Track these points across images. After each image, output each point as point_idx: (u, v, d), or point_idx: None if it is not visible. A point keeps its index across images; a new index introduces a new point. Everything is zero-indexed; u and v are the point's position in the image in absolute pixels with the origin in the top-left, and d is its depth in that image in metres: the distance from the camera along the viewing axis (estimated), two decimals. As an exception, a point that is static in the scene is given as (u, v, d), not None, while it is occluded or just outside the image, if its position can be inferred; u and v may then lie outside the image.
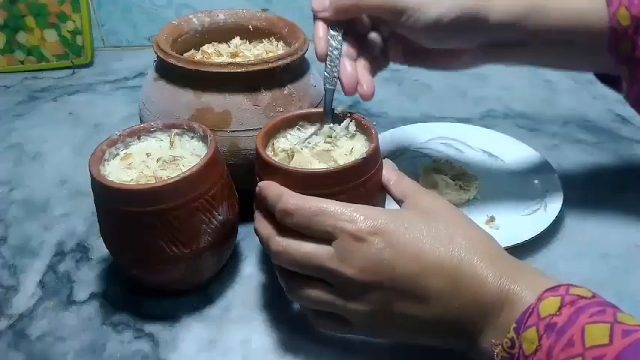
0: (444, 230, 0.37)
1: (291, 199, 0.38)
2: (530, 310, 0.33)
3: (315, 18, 0.48)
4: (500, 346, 0.33)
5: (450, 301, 0.35)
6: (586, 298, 0.33)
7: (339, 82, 0.48)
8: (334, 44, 0.48)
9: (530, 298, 0.33)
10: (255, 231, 0.42)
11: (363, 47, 0.50)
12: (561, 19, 0.47)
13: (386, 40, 0.51)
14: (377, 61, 0.52)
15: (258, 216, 0.42)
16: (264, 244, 0.40)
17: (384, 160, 0.45)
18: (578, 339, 0.30)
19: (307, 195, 0.39)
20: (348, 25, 0.48)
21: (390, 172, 0.44)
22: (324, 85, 0.48)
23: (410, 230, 0.36)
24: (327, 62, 0.48)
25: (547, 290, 0.33)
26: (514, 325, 0.33)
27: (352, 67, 0.48)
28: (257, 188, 0.42)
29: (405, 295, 0.36)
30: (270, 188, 0.40)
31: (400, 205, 0.42)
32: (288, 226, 0.38)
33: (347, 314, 0.38)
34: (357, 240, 0.36)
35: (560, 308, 0.32)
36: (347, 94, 0.48)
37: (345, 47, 0.48)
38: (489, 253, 0.37)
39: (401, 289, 0.35)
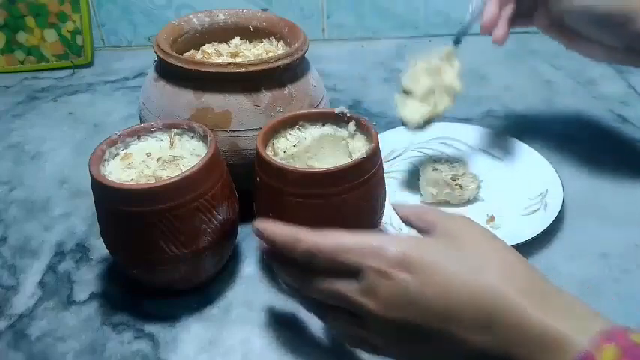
0: (477, 260, 0.34)
1: (308, 240, 0.36)
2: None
3: None
4: None
5: (487, 339, 0.32)
6: None
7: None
8: None
9: (582, 343, 0.30)
10: (281, 280, 0.40)
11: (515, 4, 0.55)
12: None
13: (537, 3, 0.56)
14: (521, 18, 0.57)
15: (277, 266, 0.40)
16: (292, 286, 0.39)
17: (392, 205, 0.41)
18: None
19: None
20: None
21: (405, 209, 0.40)
22: (467, 13, 0.56)
23: (437, 261, 0.33)
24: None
25: (602, 336, 0.30)
26: None
27: (496, 9, 0.54)
28: (260, 230, 0.38)
29: (435, 333, 0.33)
30: (281, 233, 0.37)
31: (421, 232, 0.38)
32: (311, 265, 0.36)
33: (378, 344, 0.36)
34: (381, 275, 0.33)
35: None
36: (481, 32, 0.55)
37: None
38: (528, 284, 0.33)
39: (429, 326, 0.33)
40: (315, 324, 0.46)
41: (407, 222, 0.39)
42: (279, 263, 0.39)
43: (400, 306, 0.33)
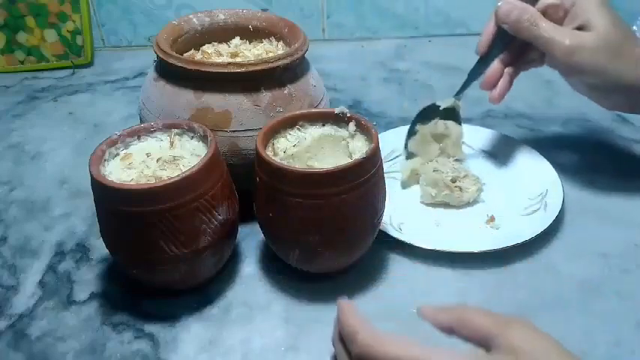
0: None
1: (362, 343, 0.32)
2: None
3: (497, 21, 0.55)
4: None
5: None
6: None
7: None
8: (496, 50, 0.57)
9: None
10: (334, 346, 0.36)
11: (519, 58, 0.57)
12: None
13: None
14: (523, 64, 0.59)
15: (337, 332, 0.36)
16: None
17: (421, 315, 0.35)
18: None
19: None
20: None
21: (440, 315, 0.34)
22: (470, 75, 0.60)
23: None
24: (482, 60, 0.58)
25: None
26: None
27: (499, 70, 0.57)
28: (338, 306, 0.36)
29: None
30: (347, 318, 0.34)
31: (484, 345, 0.32)
32: None
33: None
34: None
35: None
36: (481, 88, 0.57)
37: (503, 55, 0.56)
38: None
39: None
40: (315, 324, 0.46)
41: (449, 332, 0.33)
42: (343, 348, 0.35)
43: None
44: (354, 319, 0.34)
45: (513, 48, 0.57)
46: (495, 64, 0.57)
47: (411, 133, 0.63)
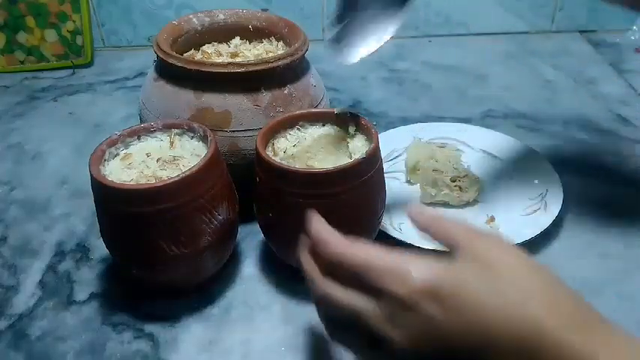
0: (515, 288, 0.30)
1: (335, 250, 0.33)
2: None
3: None
4: None
5: None
6: None
7: None
8: None
9: None
10: (298, 261, 0.37)
11: None
12: None
13: None
14: None
15: (303, 246, 0.37)
16: (308, 279, 0.36)
17: (407, 211, 0.36)
18: None
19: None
20: None
21: (431, 219, 0.35)
22: None
23: (471, 291, 0.30)
24: None
25: None
26: None
27: None
28: (308, 222, 0.36)
29: None
30: (317, 227, 0.35)
31: (450, 252, 0.33)
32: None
33: None
34: (407, 305, 0.30)
35: None
36: None
37: None
38: (577, 317, 0.30)
39: (463, 358, 0.29)
40: (314, 324, 0.46)
41: (425, 231, 0.35)
42: (307, 252, 0.36)
43: (426, 340, 0.30)
44: (325, 229, 0.35)
45: None
46: None
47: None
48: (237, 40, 0.62)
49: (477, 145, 0.67)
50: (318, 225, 0.35)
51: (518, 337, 0.29)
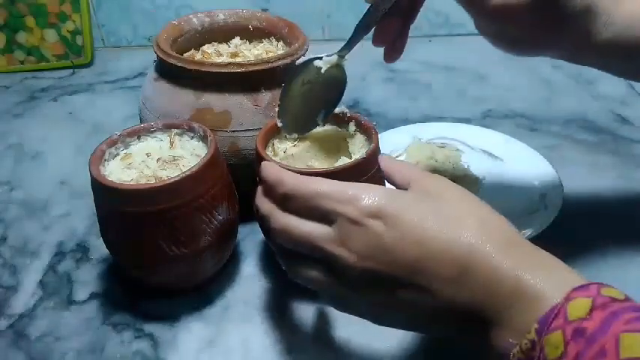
0: (452, 212, 0.33)
1: (289, 183, 0.36)
2: (555, 311, 0.29)
3: None
4: (517, 347, 0.30)
5: (458, 291, 0.32)
6: (619, 300, 0.29)
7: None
8: None
9: (555, 297, 0.29)
10: (255, 207, 0.40)
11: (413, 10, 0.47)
12: None
13: None
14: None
15: (259, 192, 0.39)
16: (264, 221, 0.38)
17: (380, 156, 0.42)
18: (611, 349, 0.26)
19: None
20: None
21: (389, 162, 0.40)
22: (359, 23, 0.44)
23: (413, 212, 0.33)
24: (372, 7, 0.43)
25: (575, 289, 0.29)
26: (536, 325, 0.29)
27: (394, 26, 0.46)
28: (261, 167, 0.40)
29: (407, 284, 0.33)
30: (269, 170, 0.38)
31: (398, 187, 0.38)
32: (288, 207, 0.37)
33: (349, 299, 0.36)
34: (355, 224, 0.33)
35: (590, 311, 0.28)
36: (374, 44, 0.46)
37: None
38: (505, 238, 0.33)
39: (402, 277, 0.33)
40: (315, 324, 0.46)
41: (387, 175, 0.39)
42: (263, 194, 0.39)
43: (371, 255, 0.33)
44: (277, 171, 0.38)
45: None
46: (389, 18, 0.45)
47: (283, 96, 0.47)
48: (237, 40, 0.62)
49: (477, 145, 0.67)
50: (271, 167, 0.38)
51: (451, 253, 0.32)
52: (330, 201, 0.34)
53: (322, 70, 0.46)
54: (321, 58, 0.46)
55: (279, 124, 0.47)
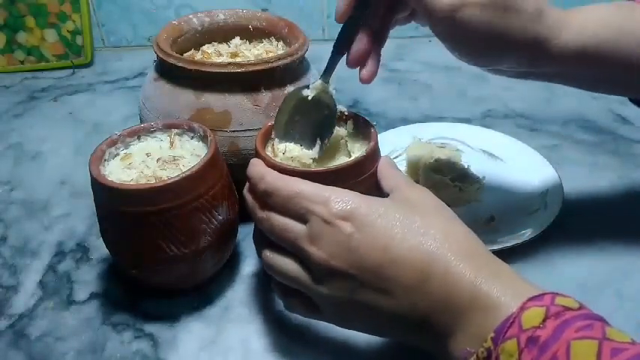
0: (420, 222, 0.35)
1: (269, 181, 0.38)
2: (511, 320, 0.30)
3: None
4: (474, 355, 0.31)
5: (418, 297, 0.33)
6: (572, 309, 0.30)
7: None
8: (357, 13, 0.44)
9: (511, 306, 0.31)
10: (244, 197, 0.42)
11: (384, 24, 0.46)
12: None
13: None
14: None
15: (246, 186, 0.42)
16: (250, 210, 0.40)
17: (382, 157, 0.44)
18: (562, 356, 0.27)
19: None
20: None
21: (383, 166, 0.43)
22: (333, 48, 0.46)
23: (383, 218, 0.35)
24: (344, 27, 0.44)
25: (531, 299, 0.30)
26: (492, 334, 0.30)
27: (368, 44, 0.45)
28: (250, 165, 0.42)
29: (370, 286, 0.35)
30: (254, 168, 0.40)
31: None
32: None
33: (314, 296, 0.38)
34: (327, 223, 0.35)
35: (544, 320, 0.29)
36: (348, 65, 0.46)
37: (365, 26, 0.44)
38: (467, 249, 0.35)
39: (366, 278, 0.35)
40: (315, 324, 0.46)
41: (378, 179, 0.42)
42: (246, 194, 0.41)
43: (337, 253, 0.35)
44: (261, 168, 0.40)
45: (377, 11, 0.45)
46: (361, 37, 0.45)
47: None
48: (237, 40, 0.62)
49: (477, 145, 0.67)
50: (256, 164, 0.40)
51: (412, 260, 0.34)
52: (306, 200, 0.37)
53: (309, 98, 0.46)
54: (308, 87, 0.47)
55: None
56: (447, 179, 0.57)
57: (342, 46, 0.45)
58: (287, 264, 0.38)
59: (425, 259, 0.34)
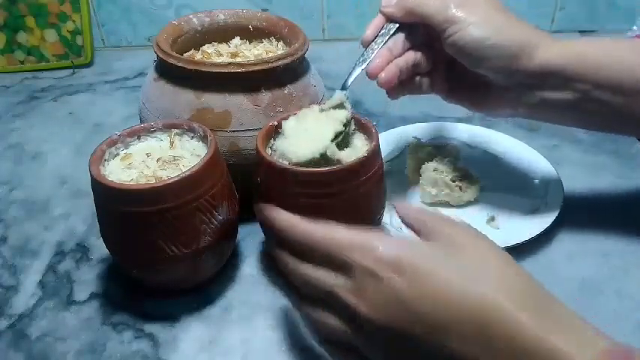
0: (472, 269, 0.32)
1: (302, 229, 0.35)
2: None
3: (380, 12, 0.51)
4: None
5: (472, 351, 0.30)
6: None
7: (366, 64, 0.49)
8: (382, 38, 0.50)
9: None
10: (277, 257, 0.38)
11: (410, 56, 0.50)
12: (614, 75, 0.44)
13: (434, 69, 0.53)
14: (419, 85, 0.54)
15: (271, 244, 0.39)
16: (285, 271, 0.37)
17: (395, 204, 0.40)
18: None
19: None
20: (405, 30, 0.50)
21: (405, 209, 0.38)
22: (355, 63, 0.50)
23: (431, 267, 0.32)
24: (367, 48, 0.50)
25: (605, 356, 0.28)
26: None
27: (387, 58, 0.49)
28: (262, 214, 0.39)
29: (421, 341, 0.31)
30: (280, 218, 0.37)
31: (418, 235, 0.36)
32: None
33: (364, 351, 0.34)
34: (370, 275, 0.32)
35: None
36: (369, 76, 0.49)
37: (391, 42, 0.49)
38: (526, 296, 0.31)
39: (415, 333, 0.31)
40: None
41: (406, 223, 0.38)
42: (276, 250, 0.38)
43: (387, 309, 0.32)
44: (287, 216, 0.37)
45: (400, 42, 0.50)
46: (383, 51, 0.49)
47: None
48: (237, 40, 0.62)
49: (477, 145, 0.67)
50: (279, 214, 0.37)
51: (469, 309, 0.30)
52: (345, 250, 0.34)
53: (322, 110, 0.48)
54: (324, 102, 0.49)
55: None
56: (447, 179, 0.57)
57: (364, 60, 0.50)
58: (333, 321, 0.35)
59: (482, 311, 0.30)
